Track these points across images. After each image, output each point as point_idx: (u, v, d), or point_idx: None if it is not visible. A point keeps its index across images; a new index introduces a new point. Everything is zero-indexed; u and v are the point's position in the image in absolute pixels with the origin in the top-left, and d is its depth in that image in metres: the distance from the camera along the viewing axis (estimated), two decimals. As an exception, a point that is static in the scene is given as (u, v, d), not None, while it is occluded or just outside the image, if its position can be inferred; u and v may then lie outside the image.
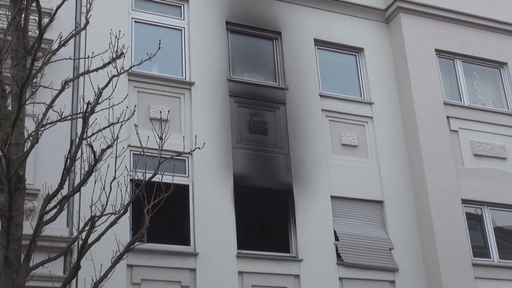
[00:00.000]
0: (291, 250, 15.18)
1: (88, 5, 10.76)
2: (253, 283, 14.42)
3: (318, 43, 17.46)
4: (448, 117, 17.46)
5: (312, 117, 16.40)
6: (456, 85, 18.27)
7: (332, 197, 15.84)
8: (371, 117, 17.15)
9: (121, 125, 10.35)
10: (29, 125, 10.06)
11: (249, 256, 14.64)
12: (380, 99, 17.42)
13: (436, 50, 18.15)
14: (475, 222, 16.84)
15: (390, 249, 15.90)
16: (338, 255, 15.30)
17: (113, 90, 10.56)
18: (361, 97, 17.43)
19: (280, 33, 17.03)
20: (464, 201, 16.68)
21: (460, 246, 16.04)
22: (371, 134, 17.02)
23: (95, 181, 9.72)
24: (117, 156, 10.12)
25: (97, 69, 10.59)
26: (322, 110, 16.64)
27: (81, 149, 9.89)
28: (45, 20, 9.67)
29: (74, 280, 10.70)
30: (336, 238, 15.47)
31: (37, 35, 9.72)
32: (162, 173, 10.18)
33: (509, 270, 16.45)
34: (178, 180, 13.40)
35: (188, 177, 14.60)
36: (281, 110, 16.20)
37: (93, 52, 11.52)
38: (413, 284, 15.72)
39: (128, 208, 10.16)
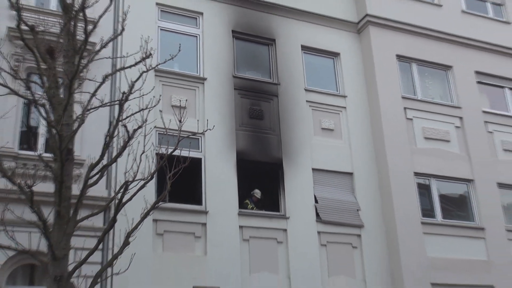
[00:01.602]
0: (281, 209, 15.25)
1: (124, 16, 10.78)
2: (250, 235, 14.49)
3: (304, 48, 17.41)
4: (405, 108, 17.47)
5: (299, 106, 16.41)
6: (412, 83, 18.25)
7: (313, 169, 15.90)
8: (345, 107, 17.16)
9: (149, 110, 10.38)
10: (77, 110, 10.10)
11: (247, 214, 14.72)
12: (352, 93, 17.41)
13: (397, 55, 18.11)
14: (424, 190, 16.88)
15: (357, 210, 15.97)
16: (317, 214, 15.39)
17: (143, 83, 10.57)
18: (337, 91, 17.39)
19: (274, 40, 17.00)
20: (416, 174, 16.73)
21: (412, 208, 16.10)
22: (344, 121, 17.03)
23: (128, 154, 9.77)
24: (145, 135, 10.17)
25: (130, 66, 10.59)
26: (306, 101, 16.65)
27: (118, 129, 9.93)
28: (90, 27, 9.66)
29: (112, 231, 10.77)
30: (316, 201, 15.55)
31: (83, 38, 9.74)
32: (180, 148, 10.24)
33: (450, 227, 16.53)
34: (193, 154, 13.43)
35: (201, 152, 14.65)
36: (274, 101, 16.21)
37: (127, 53, 11.54)
38: (375, 237, 15.83)
39: (154, 176, 10.27)
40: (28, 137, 13.06)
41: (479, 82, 19.19)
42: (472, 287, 15.98)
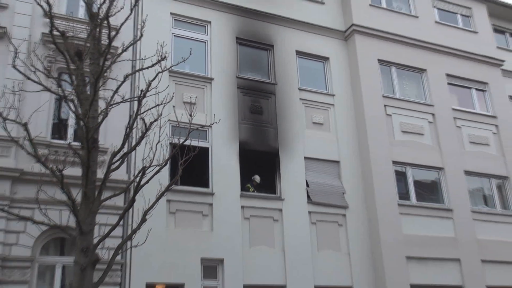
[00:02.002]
0: (277, 192, 15.29)
1: (142, 23, 10.75)
2: (250, 214, 14.55)
3: (298, 53, 17.37)
4: (385, 105, 17.47)
5: (293, 103, 16.40)
6: (391, 83, 18.22)
7: (305, 158, 15.92)
8: (333, 104, 17.15)
9: (164, 106, 10.41)
10: (101, 105, 10.11)
11: (248, 196, 14.76)
12: (339, 92, 17.39)
13: (378, 60, 18.08)
14: (400, 177, 16.89)
15: (343, 193, 16.00)
16: (308, 197, 15.42)
17: (158, 82, 10.55)
18: (327, 90, 17.37)
19: (273, 46, 16.97)
20: (394, 162, 16.75)
21: (390, 192, 16.13)
22: (332, 116, 17.02)
23: (146, 143, 9.77)
24: (160, 127, 10.18)
25: (148, 67, 10.60)
26: (300, 99, 16.64)
27: (136, 121, 9.94)
28: (113, 33, 9.66)
29: (131, 209, 10.82)
30: (307, 185, 15.57)
31: (107, 43, 9.76)
32: (191, 139, 10.28)
33: (423, 208, 16.58)
34: (202, 144, 13.41)
35: (208, 142, 14.66)
36: (272, 99, 16.21)
37: (145, 56, 11.59)
38: (358, 216, 15.87)
39: (168, 162, 10.31)
40: (59, 128, 13.09)
41: (449, 84, 19.18)
42: (441, 260, 16.04)
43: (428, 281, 15.72)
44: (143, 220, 9.53)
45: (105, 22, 9.81)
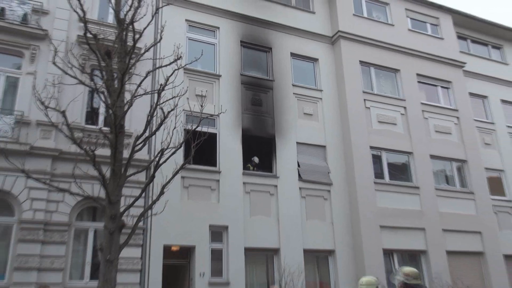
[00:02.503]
0: (273, 171, 15.33)
1: (162, 28, 10.73)
2: (251, 189, 14.61)
3: (293, 55, 17.28)
4: (364, 100, 17.43)
5: (287, 97, 16.37)
6: (370, 81, 18.15)
7: (297, 143, 15.93)
8: (321, 98, 17.11)
9: (179, 98, 10.44)
10: (127, 96, 10.13)
11: (249, 174, 14.81)
12: (326, 88, 17.34)
13: (360, 61, 17.99)
14: (376, 159, 16.89)
15: (328, 173, 16.06)
16: (299, 175, 15.48)
17: (175, 78, 10.57)
18: (316, 86, 17.31)
19: (271, 48, 16.89)
20: (371, 147, 16.76)
21: (367, 172, 16.19)
22: (320, 108, 17.00)
23: (164, 129, 9.82)
24: (176, 115, 10.26)
25: (166, 65, 10.59)
26: (293, 93, 16.59)
27: (156, 111, 9.97)
28: (137, 36, 9.64)
29: (151, 184, 10.87)
30: (298, 165, 15.61)
31: (132, 44, 9.75)
32: (202, 126, 10.32)
33: (394, 186, 16.65)
34: (211, 130, 13.50)
35: (216, 128, 14.67)
36: (270, 93, 16.17)
37: (164, 55, 11.50)
38: (340, 192, 15.94)
39: (182, 145, 10.34)
40: (91, 115, 13.13)
41: (419, 82, 19.10)
42: (409, 229, 16.14)
43: (397, 246, 15.84)
44: (161, 193, 9.59)
45: (131, 26, 9.80)
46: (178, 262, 13.50)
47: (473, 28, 22.39)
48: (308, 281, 14.03)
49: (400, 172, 17.31)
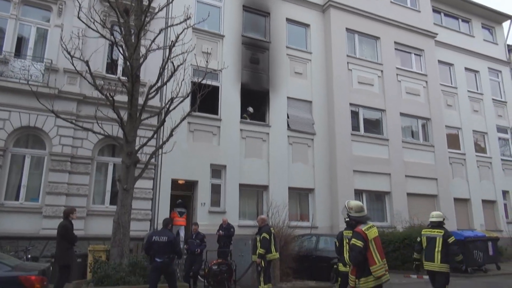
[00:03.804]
0: (266, 120, 15.37)
1: (173, -9, 10.38)
2: (246, 135, 14.70)
3: (288, 20, 16.78)
4: (347, 63, 17.18)
5: (281, 57, 16.09)
6: (354, 46, 17.81)
7: (288, 97, 15.84)
8: (310, 60, 16.84)
9: (187, 53, 10.23)
10: (142, 50, 9.94)
11: (245, 122, 14.84)
12: (315, 51, 17.03)
13: (346, 28, 17.55)
14: (354, 114, 16.81)
15: (313, 124, 16.12)
16: (288, 125, 15.54)
17: (184, 36, 10.37)
18: (306, 49, 16.97)
19: (269, 13, 16.36)
20: (351, 104, 16.71)
21: (346, 125, 16.25)
22: (309, 68, 16.77)
23: (174, 81, 9.77)
24: (185, 69, 10.13)
25: (177, 24, 10.29)
26: (286, 54, 16.29)
27: (167, 64, 9.82)
28: (151, -4, 9.36)
29: (162, 127, 10.89)
30: (288, 117, 15.63)
31: (147, 3, 9.46)
32: (207, 79, 10.21)
33: (368, 137, 16.74)
34: (214, 83, 13.42)
35: (219, 82, 14.51)
36: (266, 53, 15.85)
37: (175, 15, 11.19)
38: (322, 141, 16.06)
39: (189, 95, 10.26)
40: (111, 66, 12.91)
41: (396, 49, 18.78)
42: (377, 173, 16.46)
43: (367, 188, 16.22)
44: (171, 135, 9.67)
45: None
46: (183, 193, 13.79)
47: (447, 3, 21.76)
48: (291, 213, 14.43)
49: (374, 126, 17.40)
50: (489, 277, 12.49)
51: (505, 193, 20.41)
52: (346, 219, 4.97)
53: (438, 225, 6.71)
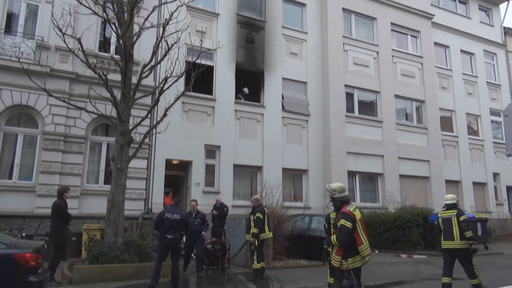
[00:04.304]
0: (261, 101, 15.31)
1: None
2: (241, 116, 14.67)
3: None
4: (343, 43, 17.06)
5: (277, 37, 15.92)
6: (350, 27, 17.66)
7: (283, 78, 15.75)
8: (306, 40, 16.68)
9: (182, 32, 10.04)
10: (136, 28, 9.77)
11: (240, 102, 14.79)
12: (311, 31, 16.85)
13: (342, 8, 17.35)
14: (349, 96, 16.84)
15: (307, 105, 16.09)
16: (283, 106, 15.50)
17: (178, 14, 10.20)
18: (302, 29, 16.80)
19: (265, -8, 16.17)
20: (346, 85, 16.70)
21: (340, 106, 16.25)
22: (305, 49, 16.62)
23: (168, 60, 9.63)
24: (179, 48, 9.96)
25: (171, 1, 10.07)
26: (282, 34, 16.11)
27: (161, 42, 9.67)
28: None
29: (156, 107, 10.80)
30: (282, 98, 15.57)
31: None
32: (201, 59, 10.09)
33: (362, 119, 16.81)
34: (209, 62, 13.30)
35: (213, 61, 14.36)
36: (261, 32, 15.65)
37: (169, -7, 10.99)
38: (316, 122, 16.08)
39: (183, 74, 10.14)
40: (104, 44, 12.70)
41: (392, 30, 18.66)
42: (371, 155, 16.59)
43: (360, 169, 16.37)
44: (165, 115, 9.61)
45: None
46: (177, 173, 13.83)
47: (444, -16, 21.56)
48: (284, 193, 14.54)
49: (368, 108, 17.42)
50: (477, 256, 12.71)
51: (495, 175, 20.70)
52: (331, 202, 5.04)
53: (453, 206, 7.11)
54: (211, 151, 13.93)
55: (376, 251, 13.50)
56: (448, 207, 7.13)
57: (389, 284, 8.00)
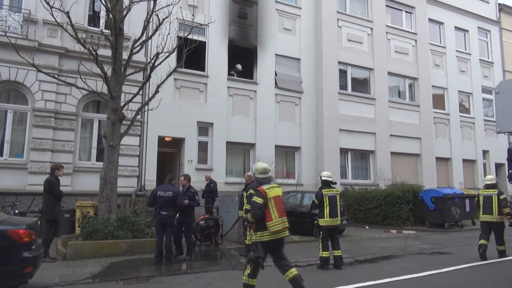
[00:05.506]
0: (254, 78, 15.20)
1: None
2: (234, 93, 14.58)
3: (277, -28, 16.28)
4: (337, 19, 16.86)
5: (270, 13, 15.66)
6: (344, 3, 17.34)
7: (276, 55, 15.61)
8: (300, 15, 16.44)
9: (173, 6, 9.83)
10: (126, 1, 9.53)
11: (232, 79, 14.66)
12: (305, 6, 16.57)
13: (337, -17, 17.13)
14: (342, 73, 16.83)
15: (300, 82, 16.02)
16: (276, 83, 15.41)
17: (170, -13, 9.92)
18: (296, 4, 16.50)
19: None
20: (339, 62, 16.62)
21: (333, 83, 16.21)
22: (298, 24, 16.41)
23: (159, 35, 9.43)
24: (170, 23, 9.78)
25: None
26: (275, 9, 15.85)
27: (152, 17, 9.47)
28: None
29: (148, 83, 10.67)
30: (276, 74, 15.47)
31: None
32: (193, 34, 9.90)
33: (355, 97, 16.80)
34: (201, 38, 13.09)
35: (205, 37, 14.14)
36: (255, 7, 15.36)
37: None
38: (309, 99, 16.05)
39: (175, 50, 9.96)
40: (93, 18, 12.39)
41: (387, 6, 18.44)
42: (363, 133, 16.68)
43: (352, 146, 16.47)
44: (156, 91, 9.51)
45: None
46: (170, 151, 13.81)
47: (440, -42, 21.20)
48: (277, 170, 14.66)
49: (361, 85, 17.40)
50: (464, 231, 13.08)
51: (485, 152, 20.98)
52: (323, 178, 5.12)
53: (493, 186, 8.28)
54: (204, 128, 13.88)
55: (367, 227, 13.76)
56: (488, 186, 8.25)
57: (378, 258, 8.19)
